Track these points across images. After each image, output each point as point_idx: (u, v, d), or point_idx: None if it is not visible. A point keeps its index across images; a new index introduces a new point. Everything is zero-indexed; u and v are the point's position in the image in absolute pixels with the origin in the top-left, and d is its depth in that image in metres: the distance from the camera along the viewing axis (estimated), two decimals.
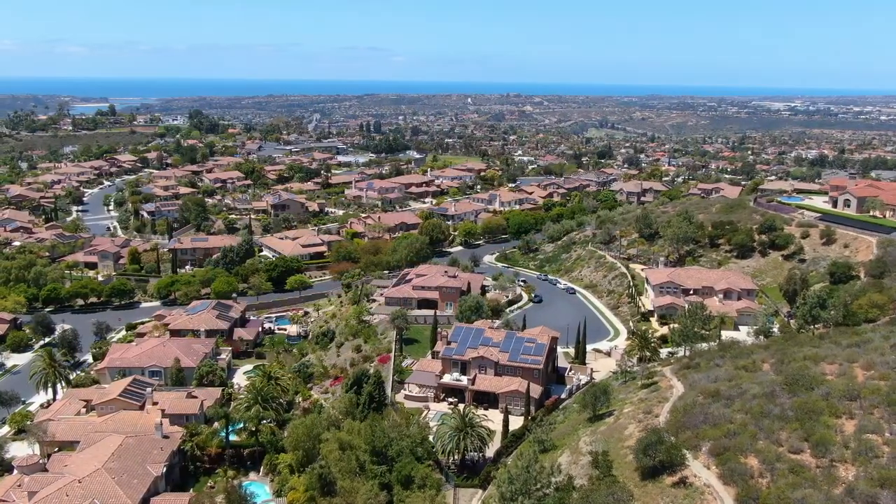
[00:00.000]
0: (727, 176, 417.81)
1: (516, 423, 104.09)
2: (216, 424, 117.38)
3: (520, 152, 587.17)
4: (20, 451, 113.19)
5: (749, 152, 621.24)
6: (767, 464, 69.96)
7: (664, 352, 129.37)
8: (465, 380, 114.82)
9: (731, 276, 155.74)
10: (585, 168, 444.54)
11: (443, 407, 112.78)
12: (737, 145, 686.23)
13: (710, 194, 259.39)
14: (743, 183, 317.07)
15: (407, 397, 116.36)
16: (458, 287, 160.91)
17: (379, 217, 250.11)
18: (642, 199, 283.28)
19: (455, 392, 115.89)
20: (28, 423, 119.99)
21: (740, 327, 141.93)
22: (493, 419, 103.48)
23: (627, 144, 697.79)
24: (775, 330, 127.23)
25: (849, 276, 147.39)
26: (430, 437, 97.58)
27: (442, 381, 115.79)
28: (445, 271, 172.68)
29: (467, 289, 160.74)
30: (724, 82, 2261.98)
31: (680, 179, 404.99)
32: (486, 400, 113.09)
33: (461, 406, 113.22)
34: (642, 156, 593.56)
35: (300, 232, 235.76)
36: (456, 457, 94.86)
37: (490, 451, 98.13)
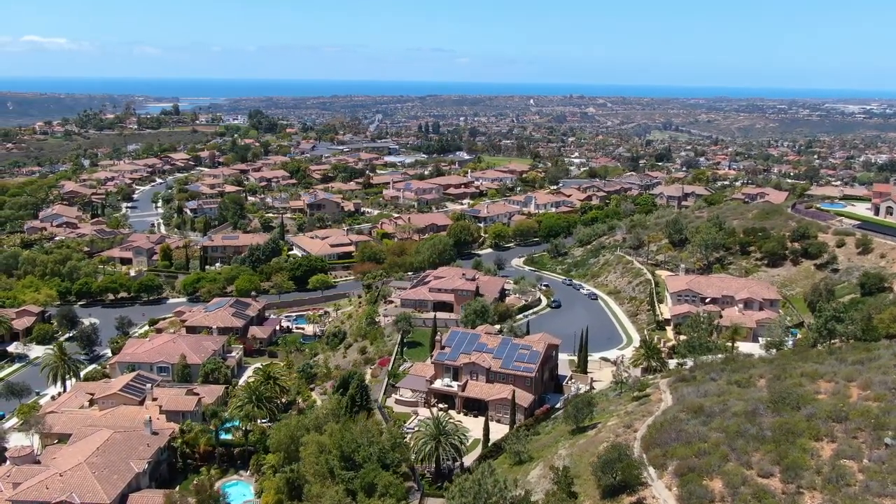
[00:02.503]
0: (789, 180, 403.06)
1: (503, 431, 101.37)
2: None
3: (576, 154, 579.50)
4: (22, 441, 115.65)
5: (815, 156, 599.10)
6: (731, 487, 65.88)
7: (673, 362, 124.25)
8: (455, 386, 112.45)
9: (753, 286, 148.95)
10: (641, 171, 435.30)
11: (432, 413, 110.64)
12: (803, 149, 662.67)
13: (754, 199, 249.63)
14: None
15: (398, 402, 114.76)
16: (473, 290, 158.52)
17: (409, 218, 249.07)
18: (683, 203, 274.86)
19: (446, 398, 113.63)
20: (34, 414, 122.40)
21: (760, 339, 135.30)
22: (480, 427, 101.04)
23: (689, 147, 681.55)
24: (790, 343, 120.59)
25: (880, 287, 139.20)
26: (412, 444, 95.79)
27: (433, 386, 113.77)
28: (463, 274, 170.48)
29: (476, 292, 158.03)
30: (795, 84, 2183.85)
31: (738, 183, 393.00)
32: (477, 407, 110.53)
33: (451, 412, 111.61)
34: (702, 159, 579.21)
35: (330, 231, 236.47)
36: (431, 465, 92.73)
37: (470, 460, 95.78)
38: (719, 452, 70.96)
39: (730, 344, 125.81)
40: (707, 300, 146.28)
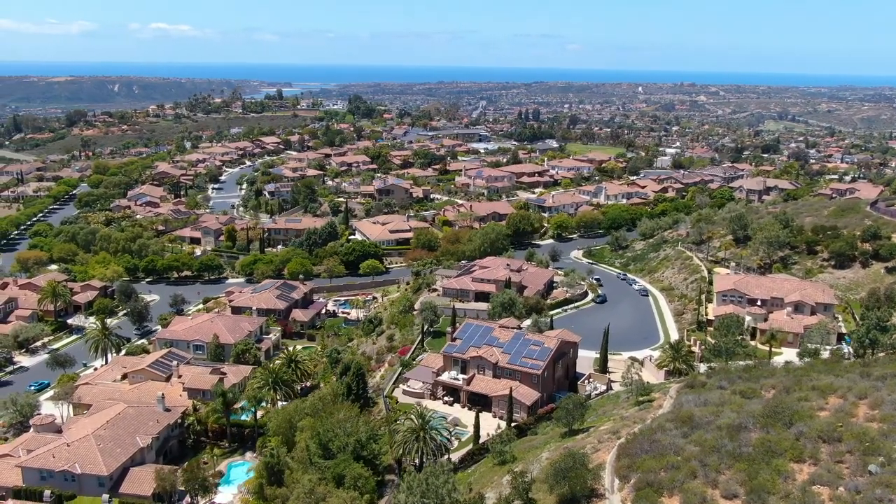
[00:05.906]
0: None
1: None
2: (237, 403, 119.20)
3: (678, 144, 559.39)
4: (52, 411, 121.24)
5: None
6: None
7: (703, 366, 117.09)
8: (461, 379, 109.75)
9: (807, 288, 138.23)
10: (745, 162, 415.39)
11: (437, 405, 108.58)
12: None
13: (843, 195, 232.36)
14: None
15: (405, 392, 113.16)
16: (506, 281, 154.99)
17: (471, 206, 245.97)
18: (764, 197, 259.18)
19: (453, 391, 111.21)
20: (68, 385, 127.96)
21: (809, 346, 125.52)
22: (482, 422, 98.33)
23: (800, 138, 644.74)
24: (825, 353, 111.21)
25: None
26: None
27: (439, 378, 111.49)
28: (508, 265, 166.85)
29: (508, 282, 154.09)
30: None
31: (848, 178, 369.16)
32: (481, 402, 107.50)
33: (456, 406, 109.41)
34: (813, 151, 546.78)
35: (392, 217, 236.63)
36: (415, 459, 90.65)
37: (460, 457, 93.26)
38: (687, 468, 65.98)
39: (766, 349, 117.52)
40: (757, 302, 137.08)
